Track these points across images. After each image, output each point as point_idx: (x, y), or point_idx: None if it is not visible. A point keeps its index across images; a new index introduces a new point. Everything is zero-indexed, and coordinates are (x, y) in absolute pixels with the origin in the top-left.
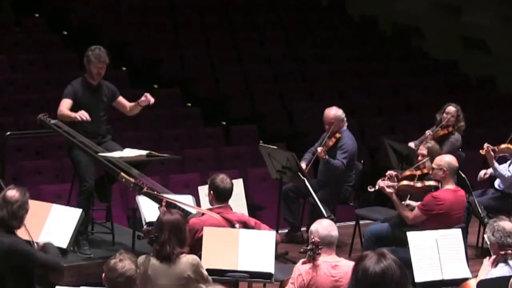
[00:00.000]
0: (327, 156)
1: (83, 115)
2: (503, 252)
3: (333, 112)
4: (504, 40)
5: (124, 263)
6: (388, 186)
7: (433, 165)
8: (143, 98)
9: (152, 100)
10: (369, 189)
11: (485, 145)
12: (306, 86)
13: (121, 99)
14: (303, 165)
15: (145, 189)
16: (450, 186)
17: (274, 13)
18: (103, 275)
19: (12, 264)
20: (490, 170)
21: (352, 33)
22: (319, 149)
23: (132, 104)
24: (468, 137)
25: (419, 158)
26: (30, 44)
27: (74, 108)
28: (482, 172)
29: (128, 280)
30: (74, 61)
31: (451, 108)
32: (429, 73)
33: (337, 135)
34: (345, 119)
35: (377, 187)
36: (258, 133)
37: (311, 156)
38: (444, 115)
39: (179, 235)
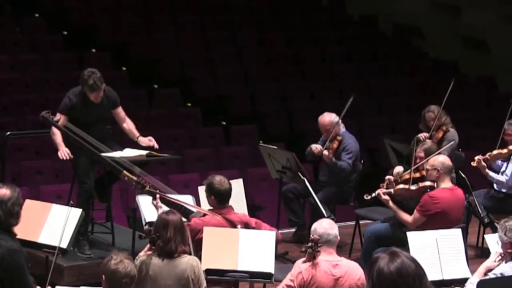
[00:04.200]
0: (334, 159)
1: (64, 154)
2: (510, 251)
3: (327, 118)
4: (504, 40)
5: (124, 264)
6: (384, 193)
7: (427, 166)
8: (147, 140)
9: (156, 146)
10: (365, 198)
11: (476, 157)
12: (306, 86)
13: (120, 111)
14: (319, 148)
15: (147, 188)
16: (446, 185)
17: (273, 13)
18: (103, 278)
19: (4, 271)
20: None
21: (352, 33)
22: (325, 152)
23: (133, 129)
24: (468, 137)
25: (417, 161)
26: (30, 44)
27: (72, 122)
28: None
29: (132, 280)
30: (74, 61)
31: (430, 115)
32: (429, 73)
33: (338, 137)
34: (340, 121)
35: (373, 194)
36: (258, 133)
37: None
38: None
39: (182, 233)
